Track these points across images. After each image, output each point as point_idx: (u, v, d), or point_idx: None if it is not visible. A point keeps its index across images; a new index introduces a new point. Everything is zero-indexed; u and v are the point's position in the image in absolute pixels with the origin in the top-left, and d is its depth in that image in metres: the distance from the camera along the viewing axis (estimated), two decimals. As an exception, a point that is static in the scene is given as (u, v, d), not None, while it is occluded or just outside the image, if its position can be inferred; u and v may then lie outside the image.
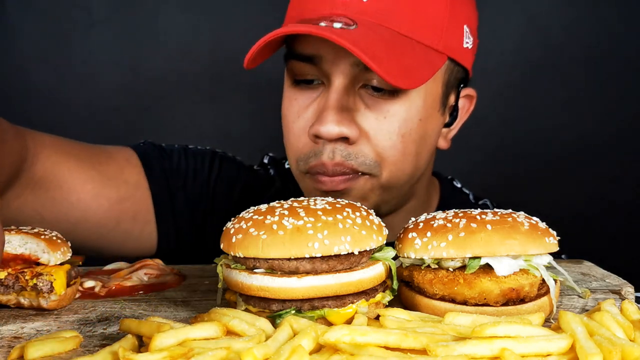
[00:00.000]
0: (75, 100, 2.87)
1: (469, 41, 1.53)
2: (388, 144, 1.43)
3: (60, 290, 1.14)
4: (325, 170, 1.44)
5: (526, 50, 2.79)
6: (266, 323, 0.97)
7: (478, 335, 0.84)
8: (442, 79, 1.50)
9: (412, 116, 1.45)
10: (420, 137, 1.48)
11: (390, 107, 1.43)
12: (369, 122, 1.43)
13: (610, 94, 2.79)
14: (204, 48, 2.86)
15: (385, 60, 1.31)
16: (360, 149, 1.43)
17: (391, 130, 1.43)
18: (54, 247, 1.16)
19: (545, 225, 1.11)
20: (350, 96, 1.43)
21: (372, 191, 1.49)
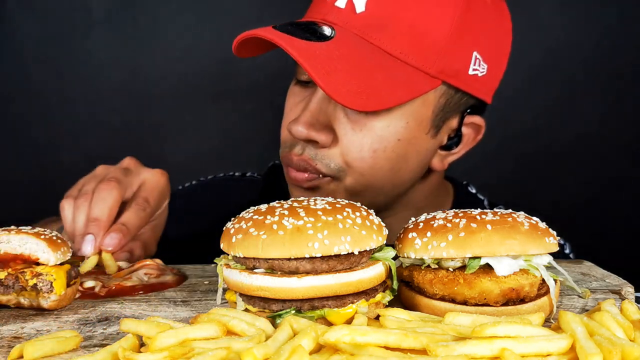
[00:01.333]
0: (75, 100, 2.87)
1: (479, 68, 1.48)
2: (357, 156, 1.45)
3: (60, 290, 1.14)
4: (290, 163, 1.50)
5: (526, 51, 2.78)
6: (266, 323, 0.97)
7: (478, 335, 0.84)
8: (436, 104, 1.48)
9: (389, 135, 1.45)
10: (398, 155, 1.48)
11: (368, 122, 1.44)
12: (345, 132, 1.45)
13: (610, 94, 2.79)
14: (204, 48, 2.86)
15: (342, 76, 1.32)
16: (329, 153, 1.46)
17: (363, 144, 1.45)
18: (54, 247, 1.15)
19: (545, 225, 1.11)
20: (332, 103, 1.45)
21: (337, 192, 1.51)
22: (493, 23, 1.52)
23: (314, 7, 1.50)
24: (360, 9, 1.40)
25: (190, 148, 2.94)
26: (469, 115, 1.56)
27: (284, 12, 1.59)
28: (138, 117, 2.91)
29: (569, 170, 2.85)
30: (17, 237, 1.15)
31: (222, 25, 2.84)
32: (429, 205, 1.72)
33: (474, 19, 1.45)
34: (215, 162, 2.92)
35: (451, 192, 1.82)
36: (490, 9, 1.51)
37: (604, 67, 2.78)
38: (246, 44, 1.43)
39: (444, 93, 1.48)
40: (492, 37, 1.52)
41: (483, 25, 1.48)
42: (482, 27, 1.48)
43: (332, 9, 1.42)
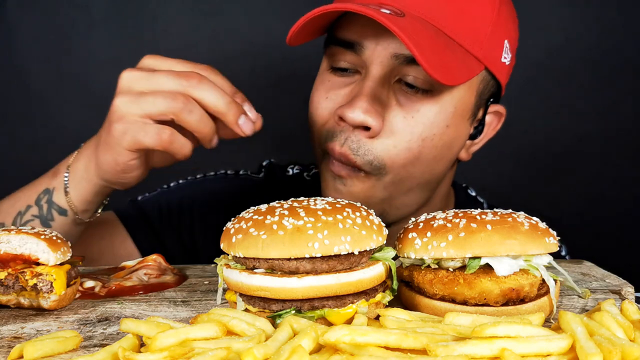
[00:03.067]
0: (75, 100, 2.86)
1: (507, 57, 1.51)
2: (405, 146, 1.42)
3: (60, 290, 1.14)
4: (333, 154, 1.46)
5: (526, 50, 2.78)
6: (266, 323, 0.97)
7: (478, 335, 0.84)
8: (477, 88, 1.49)
9: (440, 120, 1.43)
10: (444, 143, 1.46)
11: (421, 107, 1.42)
12: (396, 119, 1.42)
13: (610, 94, 2.79)
14: (204, 48, 2.86)
15: (428, 51, 1.30)
16: (375, 145, 1.42)
17: (414, 131, 1.42)
18: (54, 247, 1.15)
19: (545, 225, 1.11)
20: (384, 88, 1.42)
21: (374, 192, 1.48)
22: (514, 16, 1.57)
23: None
24: None
25: (190, 148, 2.93)
26: (492, 103, 1.58)
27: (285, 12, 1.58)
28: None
29: (569, 170, 2.85)
30: (17, 237, 1.15)
31: (222, 26, 2.84)
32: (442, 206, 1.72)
33: (505, 10, 1.49)
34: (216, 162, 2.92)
35: (452, 194, 1.82)
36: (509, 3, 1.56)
37: (604, 66, 2.78)
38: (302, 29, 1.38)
39: (483, 79, 1.50)
40: (515, 30, 1.57)
41: (510, 16, 1.53)
42: (510, 18, 1.53)
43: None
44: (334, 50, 1.48)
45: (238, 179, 1.94)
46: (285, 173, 1.93)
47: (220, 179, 1.95)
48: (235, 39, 2.84)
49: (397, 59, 1.39)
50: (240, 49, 2.82)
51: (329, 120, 1.48)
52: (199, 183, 1.93)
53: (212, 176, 1.96)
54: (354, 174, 1.46)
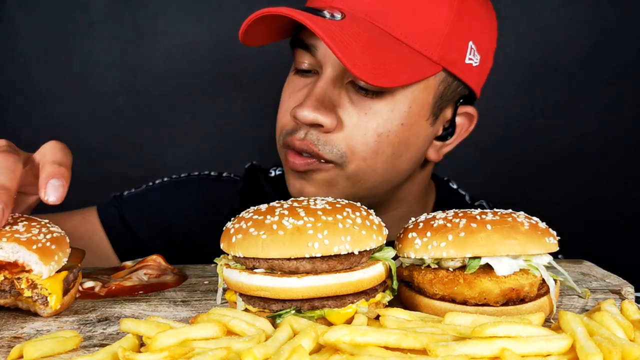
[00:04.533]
0: (75, 100, 2.86)
1: (473, 58, 1.52)
2: (361, 140, 1.46)
3: (56, 304, 1.10)
4: (293, 145, 1.49)
5: (526, 50, 2.79)
6: (266, 323, 0.97)
7: (478, 335, 0.84)
8: (436, 90, 1.50)
9: (393, 118, 1.46)
10: (400, 140, 1.49)
11: (373, 106, 1.45)
12: (350, 117, 1.46)
13: (610, 94, 2.79)
14: (204, 48, 2.86)
15: (358, 53, 1.33)
16: (333, 138, 1.46)
17: (368, 127, 1.46)
18: (46, 259, 1.09)
19: (545, 225, 1.11)
20: (336, 88, 1.46)
21: (337, 181, 1.51)
22: (484, 17, 1.57)
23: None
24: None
25: (190, 148, 2.94)
26: (462, 105, 1.59)
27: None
28: (138, 117, 2.91)
29: (569, 169, 2.85)
30: (10, 246, 1.09)
31: (222, 25, 2.84)
32: (418, 202, 1.74)
33: (469, 10, 1.50)
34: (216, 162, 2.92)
35: (433, 188, 1.84)
36: (481, 3, 1.57)
37: (603, 66, 2.78)
38: (253, 30, 1.44)
39: (442, 80, 1.51)
40: (484, 31, 1.57)
41: (477, 17, 1.53)
42: (476, 18, 1.53)
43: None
44: (296, 52, 1.54)
45: (220, 181, 1.95)
46: (268, 175, 1.93)
47: (202, 179, 1.95)
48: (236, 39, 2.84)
49: None
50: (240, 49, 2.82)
51: (289, 119, 1.52)
52: (181, 184, 1.93)
53: (195, 176, 1.96)
54: (317, 165, 1.49)
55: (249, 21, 1.41)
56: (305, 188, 1.53)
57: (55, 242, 1.14)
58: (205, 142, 2.94)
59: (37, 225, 1.16)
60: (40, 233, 1.13)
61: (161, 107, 2.91)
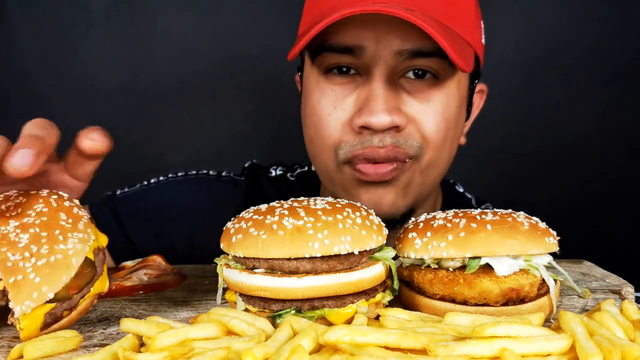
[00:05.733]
0: (75, 101, 2.86)
1: (483, 37, 1.56)
2: (434, 128, 1.45)
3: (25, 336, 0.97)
4: (377, 156, 1.42)
5: (526, 50, 2.79)
6: (266, 323, 0.97)
7: (478, 335, 0.84)
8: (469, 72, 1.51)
9: (450, 103, 1.47)
10: (456, 124, 1.50)
11: (431, 94, 1.44)
12: (414, 108, 1.44)
13: (610, 94, 2.79)
14: (204, 48, 2.86)
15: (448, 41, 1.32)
16: (408, 133, 1.44)
17: (436, 113, 1.45)
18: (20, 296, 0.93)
19: (545, 225, 1.11)
20: (393, 85, 1.43)
21: (414, 179, 1.50)
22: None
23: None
24: None
25: (190, 148, 2.94)
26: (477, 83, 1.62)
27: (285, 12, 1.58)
28: (138, 117, 2.91)
29: (569, 169, 2.85)
30: None
31: (222, 25, 2.84)
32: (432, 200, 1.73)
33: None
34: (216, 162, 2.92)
35: (440, 190, 1.83)
36: None
37: (603, 66, 2.78)
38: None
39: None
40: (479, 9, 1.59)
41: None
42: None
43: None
44: (329, 59, 1.45)
45: (219, 180, 1.90)
46: (268, 174, 1.91)
47: (201, 179, 1.89)
48: (236, 39, 2.84)
49: (400, 55, 1.39)
50: (240, 49, 2.83)
51: (343, 131, 1.45)
52: (179, 183, 1.88)
53: (192, 176, 1.90)
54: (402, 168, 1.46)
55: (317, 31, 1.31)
56: (385, 197, 1.48)
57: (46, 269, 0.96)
58: (205, 142, 2.94)
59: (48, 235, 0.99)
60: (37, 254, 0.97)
61: (161, 107, 2.92)
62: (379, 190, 1.48)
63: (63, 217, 1.03)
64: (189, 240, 1.79)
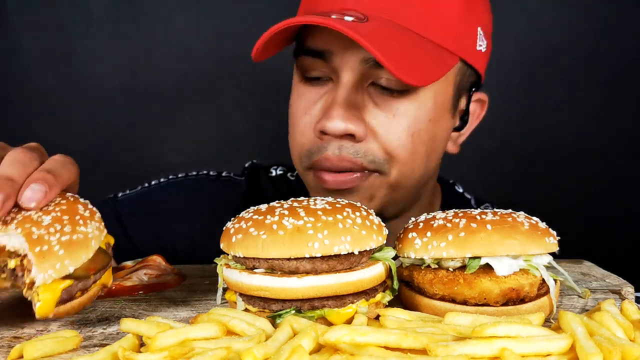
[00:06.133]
0: (75, 101, 2.86)
1: (482, 44, 1.50)
2: (397, 143, 1.42)
3: (40, 312, 1.00)
4: (330, 166, 1.42)
5: (526, 50, 2.79)
6: (266, 323, 0.97)
7: (478, 335, 0.84)
8: (454, 81, 1.48)
9: (421, 116, 1.43)
10: (429, 138, 1.46)
11: (400, 106, 1.41)
12: (378, 120, 1.41)
13: (610, 94, 2.79)
14: (204, 48, 2.86)
15: (395, 55, 1.28)
16: (369, 146, 1.41)
17: (400, 129, 1.41)
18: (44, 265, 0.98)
19: (545, 225, 1.11)
20: (358, 93, 1.41)
21: (380, 190, 1.47)
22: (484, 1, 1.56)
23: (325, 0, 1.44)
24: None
25: (190, 148, 2.94)
26: (475, 92, 1.58)
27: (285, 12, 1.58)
28: (138, 117, 2.91)
29: (568, 169, 2.85)
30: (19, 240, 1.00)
31: (222, 25, 2.84)
32: (428, 202, 1.72)
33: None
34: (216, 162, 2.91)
35: (439, 190, 1.82)
36: None
37: (603, 66, 2.78)
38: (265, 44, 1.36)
39: (459, 70, 1.49)
40: (487, 15, 1.56)
41: (481, 2, 1.52)
42: (481, 3, 1.52)
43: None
44: (304, 61, 1.46)
45: (219, 180, 1.90)
46: (269, 174, 1.91)
47: (201, 179, 1.90)
48: (236, 39, 2.84)
49: (367, 62, 1.38)
50: (240, 49, 2.82)
51: (309, 136, 1.45)
52: (179, 184, 1.88)
53: (193, 176, 1.91)
54: (363, 179, 1.43)
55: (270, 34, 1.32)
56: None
57: (69, 246, 1.00)
58: (205, 142, 2.94)
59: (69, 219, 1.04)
60: (60, 230, 1.01)
61: (161, 107, 2.92)
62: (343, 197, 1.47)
63: (81, 209, 1.09)
64: (190, 241, 1.80)
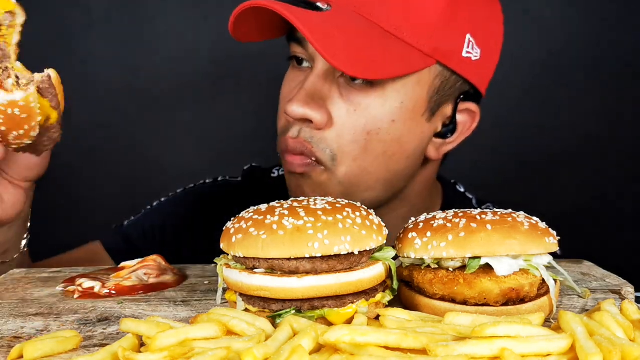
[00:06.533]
0: (75, 100, 2.86)
1: (472, 52, 1.48)
2: (351, 139, 1.43)
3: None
4: (287, 146, 1.47)
5: (527, 51, 2.79)
6: (266, 323, 0.97)
7: (478, 335, 0.84)
8: (430, 84, 1.46)
9: (383, 115, 1.43)
10: (392, 138, 1.45)
11: (363, 100, 1.42)
12: (339, 112, 1.43)
13: (610, 94, 2.79)
14: (204, 48, 2.86)
15: (339, 43, 1.30)
16: (325, 136, 1.44)
17: (357, 124, 1.43)
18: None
19: (545, 225, 1.11)
20: (327, 82, 1.44)
21: (330, 185, 1.48)
22: (485, 9, 1.53)
23: None
24: None
25: (190, 148, 2.94)
26: (462, 101, 1.55)
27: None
28: (138, 117, 2.91)
29: (569, 170, 2.85)
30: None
31: (222, 25, 2.83)
32: (423, 203, 1.72)
33: (469, 3, 1.47)
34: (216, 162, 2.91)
35: (440, 191, 1.82)
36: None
37: (604, 67, 2.78)
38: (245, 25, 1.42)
39: (439, 74, 1.47)
40: (485, 23, 1.52)
41: (475, 8, 1.49)
42: (475, 10, 1.49)
43: None
44: (292, 46, 1.51)
45: (216, 185, 1.94)
46: (271, 175, 1.92)
47: (198, 190, 1.95)
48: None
49: None
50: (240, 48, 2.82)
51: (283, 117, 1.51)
52: (180, 199, 1.93)
53: (191, 188, 1.96)
54: (311, 167, 1.47)
55: (235, 14, 1.38)
56: (303, 188, 1.51)
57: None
58: (205, 142, 2.94)
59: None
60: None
61: (161, 107, 2.92)
62: (299, 181, 1.51)
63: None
64: (196, 247, 1.81)
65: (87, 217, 2.77)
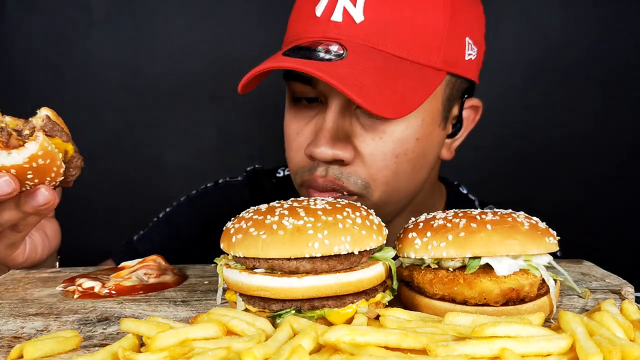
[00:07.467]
0: (75, 100, 2.87)
1: (472, 52, 1.51)
2: (381, 165, 1.44)
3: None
4: (317, 185, 1.47)
5: (526, 50, 2.79)
6: (266, 323, 0.97)
7: (478, 335, 0.84)
8: (443, 95, 1.49)
9: (408, 136, 1.45)
10: (417, 155, 1.48)
11: (387, 128, 1.44)
12: (366, 144, 1.44)
13: (610, 94, 2.79)
14: (204, 48, 2.86)
15: (373, 89, 1.31)
16: (354, 169, 1.45)
17: (386, 151, 1.44)
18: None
19: (545, 225, 1.11)
20: (346, 117, 1.44)
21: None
22: (472, 8, 1.55)
23: (306, 26, 1.46)
24: (359, 19, 1.39)
25: (190, 148, 2.94)
26: (467, 99, 1.59)
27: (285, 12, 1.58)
28: (138, 117, 2.91)
29: (568, 169, 2.85)
30: None
31: (222, 25, 2.84)
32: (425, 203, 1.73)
33: (461, 5, 1.48)
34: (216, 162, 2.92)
35: (444, 192, 1.83)
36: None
37: (603, 66, 2.78)
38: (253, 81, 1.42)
39: (447, 83, 1.49)
40: (475, 22, 1.55)
41: (467, 10, 1.51)
42: (467, 12, 1.51)
43: (329, 24, 1.40)
44: (294, 85, 1.49)
45: (217, 188, 1.96)
46: (276, 174, 1.94)
47: (201, 194, 1.97)
48: (236, 39, 2.84)
49: None
50: (240, 48, 2.83)
51: (302, 157, 1.49)
52: (185, 204, 1.96)
53: (194, 194, 1.98)
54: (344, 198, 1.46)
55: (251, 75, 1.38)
56: None
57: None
58: (205, 142, 2.94)
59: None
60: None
61: (161, 107, 2.92)
62: None
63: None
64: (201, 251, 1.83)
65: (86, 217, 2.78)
